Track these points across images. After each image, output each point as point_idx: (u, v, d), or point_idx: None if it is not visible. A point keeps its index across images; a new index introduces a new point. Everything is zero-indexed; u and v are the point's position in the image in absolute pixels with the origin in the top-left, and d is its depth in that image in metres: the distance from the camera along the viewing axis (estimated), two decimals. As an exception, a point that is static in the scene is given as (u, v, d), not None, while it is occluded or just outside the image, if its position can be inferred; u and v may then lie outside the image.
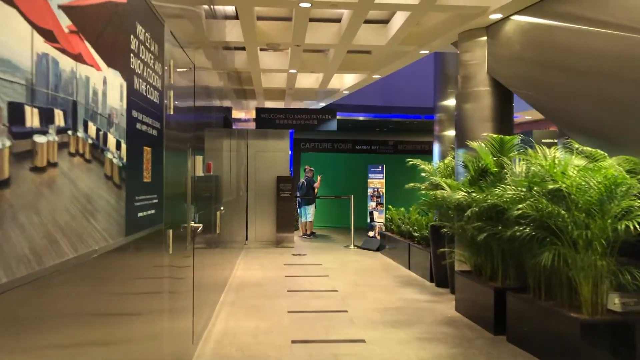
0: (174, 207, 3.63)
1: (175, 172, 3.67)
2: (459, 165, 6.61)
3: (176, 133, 3.65)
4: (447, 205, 5.82)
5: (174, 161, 3.58)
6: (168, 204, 3.34)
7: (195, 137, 4.49)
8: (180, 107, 3.85)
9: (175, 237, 3.65)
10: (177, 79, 3.67)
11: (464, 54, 6.76)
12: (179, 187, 3.84)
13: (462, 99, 6.72)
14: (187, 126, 4.13)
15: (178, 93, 3.73)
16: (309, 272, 8.88)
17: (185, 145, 4.03)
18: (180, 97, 3.86)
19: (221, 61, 7.29)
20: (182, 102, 3.95)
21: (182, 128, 3.90)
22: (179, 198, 3.83)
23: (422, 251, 8.41)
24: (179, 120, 3.78)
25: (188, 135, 4.18)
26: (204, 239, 5.22)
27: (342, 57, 8.30)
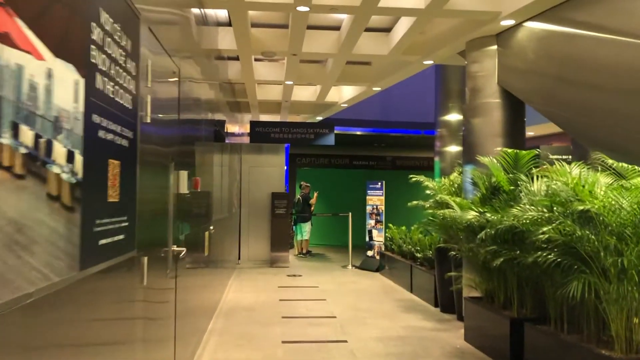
0: (152, 230, 3.15)
1: (154, 189, 3.20)
2: (467, 182, 6.16)
3: (155, 145, 3.18)
4: (457, 226, 5.35)
5: (151, 177, 3.11)
6: (143, 227, 2.86)
7: (180, 151, 4.02)
8: (161, 116, 3.38)
9: (153, 264, 3.16)
10: (157, 85, 3.21)
11: (472, 64, 6.34)
12: (159, 206, 3.36)
13: (470, 112, 6.29)
14: (169, 138, 3.66)
15: (158, 100, 3.27)
16: (304, 295, 8.36)
17: (167, 159, 3.55)
18: (162, 105, 3.40)
19: (213, 71, 6.85)
20: (164, 111, 3.49)
21: (163, 140, 3.43)
22: (158, 219, 3.34)
23: (426, 273, 7.91)
24: (159, 131, 3.31)
25: (171, 148, 3.71)
26: (190, 262, 4.73)
27: (341, 67, 7.89)
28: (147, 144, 2.95)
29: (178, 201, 3.93)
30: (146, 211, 2.96)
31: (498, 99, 6.06)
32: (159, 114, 3.31)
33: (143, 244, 2.88)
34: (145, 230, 2.96)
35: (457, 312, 6.78)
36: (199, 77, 5.46)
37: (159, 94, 3.30)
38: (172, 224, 3.70)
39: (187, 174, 4.05)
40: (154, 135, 3.14)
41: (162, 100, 3.43)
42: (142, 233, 2.84)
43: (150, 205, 3.08)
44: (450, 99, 11.81)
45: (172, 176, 3.71)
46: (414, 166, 16.77)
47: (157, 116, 3.23)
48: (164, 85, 3.47)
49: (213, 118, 6.93)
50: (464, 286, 6.04)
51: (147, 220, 3.00)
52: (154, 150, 3.14)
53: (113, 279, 2.39)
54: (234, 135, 10.32)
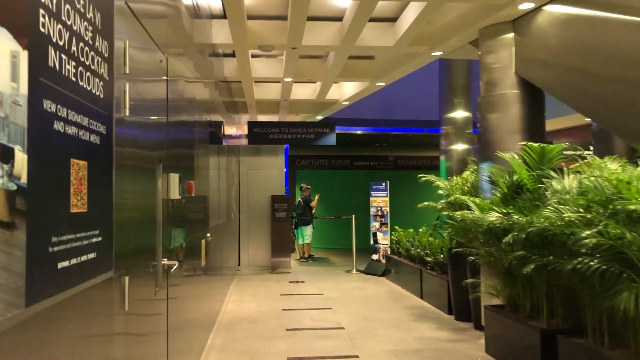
0: (136, 243, 2.68)
1: (137, 195, 2.73)
2: (483, 181, 5.70)
3: (138, 143, 2.71)
4: (476, 229, 4.88)
5: (134, 181, 2.64)
6: (124, 241, 2.39)
7: (170, 152, 3.55)
8: (145, 110, 2.91)
9: (137, 283, 2.69)
10: (138, 73, 2.74)
11: (486, 55, 5.88)
12: (144, 214, 2.89)
13: (485, 107, 5.83)
14: (156, 136, 3.19)
15: (141, 91, 2.80)
16: (309, 303, 7.89)
17: (154, 161, 3.08)
18: (145, 98, 2.93)
19: (207, 68, 6.39)
20: (148, 105, 3.02)
21: (148, 138, 2.96)
22: (143, 230, 2.87)
23: (437, 279, 7.44)
24: (143, 127, 2.84)
25: (158, 148, 3.24)
26: (185, 273, 4.25)
27: (343, 62, 7.42)
28: (127, 142, 2.48)
29: (168, 208, 3.46)
30: (127, 222, 2.49)
31: (516, 92, 5.59)
32: (142, 108, 2.84)
33: (124, 261, 2.41)
34: (127, 245, 2.49)
35: (474, 320, 6.31)
36: (192, 74, 5.00)
37: (142, 84, 2.83)
38: (162, 234, 3.23)
39: (179, 177, 3.57)
40: (135, 131, 2.67)
41: (146, 93, 2.96)
42: (122, 248, 2.37)
43: (132, 214, 2.61)
44: (455, 95, 11.37)
45: (161, 180, 3.24)
46: (418, 166, 16.31)
47: (140, 110, 2.76)
48: (147, 75, 3.00)
49: (209, 119, 6.47)
50: (482, 293, 5.57)
51: (129, 233, 2.53)
52: (135, 149, 2.67)
53: (82, 309, 1.92)
54: (232, 137, 9.85)
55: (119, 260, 2.30)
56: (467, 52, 8.12)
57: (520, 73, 5.53)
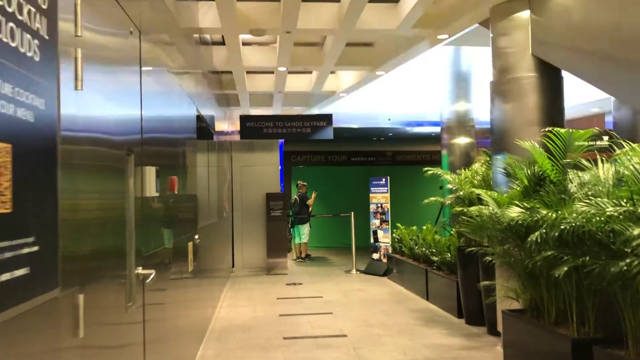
0: (96, 251, 2.16)
1: (97, 192, 2.21)
2: (497, 173, 5.21)
3: (97, 127, 2.19)
4: (494, 226, 4.38)
5: (91, 174, 2.12)
6: (76, 249, 1.88)
7: (145, 141, 3.02)
8: (110, 85, 2.39)
9: (100, 298, 2.18)
10: (99, 39, 2.22)
11: (499, 38, 5.39)
12: (108, 216, 2.37)
13: (499, 96, 5.33)
14: (125, 120, 2.67)
15: (102, 63, 2.28)
16: (307, 308, 7.38)
17: (122, 151, 2.56)
18: (110, 72, 2.41)
19: (193, 54, 5.87)
20: (115, 80, 2.50)
21: (113, 121, 2.44)
22: (107, 235, 2.35)
23: (444, 279, 6.95)
24: (106, 108, 2.32)
25: (129, 135, 2.72)
26: (170, 279, 3.74)
27: (341, 48, 6.91)
28: (81, 124, 1.96)
29: (143, 208, 2.94)
30: (83, 225, 1.98)
31: (533, 78, 5.10)
32: (106, 83, 2.32)
33: (78, 275, 1.90)
34: (82, 254, 1.97)
35: (488, 324, 5.82)
36: (175, 58, 4.48)
37: (104, 54, 2.31)
38: (134, 238, 2.71)
39: (156, 172, 3.05)
40: (94, 111, 2.15)
41: (111, 67, 2.44)
42: (74, 259, 1.86)
43: (91, 216, 2.10)
44: (458, 87, 10.87)
45: (133, 174, 2.72)
46: (417, 161, 15.85)
47: (102, 86, 2.25)
48: (113, 46, 2.48)
49: (196, 109, 5.96)
50: (499, 296, 5.08)
51: (86, 239, 2.02)
52: (94, 134, 2.15)
53: (6, 347, 1.40)
54: (224, 134, 9.33)
55: (69, 274, 1.79)
56: (476, 37, 7.62)
57: (539, 54, 5.03)
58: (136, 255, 2.76)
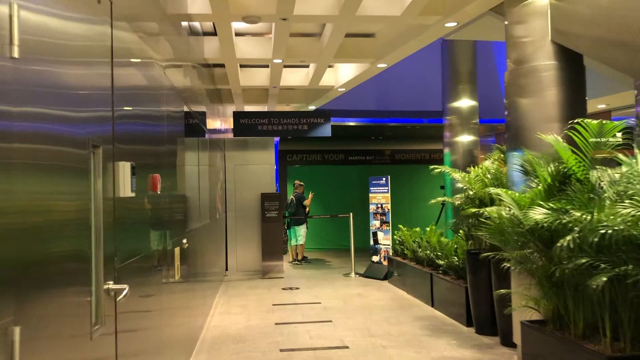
0: (42, 267, 1.71)
1: (44, 192, 1.75)
2: (513, 171, 4.78)
3: (45, 110, 1.74)
4: (514, 229, 3.94)
5: (33, 170, 1.66)
6: (7, 268, 1.43)
7: (118, 132, 2.57)
8: (65, 58, 1.94)
9: (50, 327, 1.72)
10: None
11: (514, 27, 4.96)
12: (64, 222, 1.92)
13: (514, 90, 4.90)
14: (89, 105, 2.21)
15: (55, 29, 1.83)
16: (305, 315, 6.93)
17: (84, 143, 2.10)
18: (65, 42, 1.96)
19: (183, 47, 5.41)
20: (72, 53, 2.05)
21: (71, 104, 1.98)
22: (61, 245, 1.89)
23: (451, 284, 6.52)
24: (59, 85, 1.87)
25: (95, 124, 2.26)
26: (150, 292, 3.28)
27: (341, 39, 6.47)
28: (16, 102, 1.51)
29: (115, 210, 2.49)
30: (17, 235, 1.52)
31: (552, 70, 4.67)
32: (59, 54, 1.86)
33: (13, 301, 1.44)
34: (18, 273, 1.52)
35: (501, 334, 5.39)
36: (159, 45, 4.03)
37: (55, 17, 1.85)
38: (103, 248, 2.25)
39: (131, 168, 2.59)
40: (38, 88, 1.70)
41: (67, 34, 1.98)
42: (8, 277, 1.40)
43: (31, 221, 1.64)
44: (460, 82, 10.48)
45: (100, 170, 2.26)
46: (416, 160, 15.44)
47: (51, 56, 1.79)
48: (70, 6, 2.03)
49: (188, 106, 5.52)
50: (516, 305, 4.66)
51: (22, 253, 1.56)
52: (39, 122, 1.69)
53: None
54: (216, 130, 8.87)
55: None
56: (487, 27, 7.23)
57: (560, 41, 4.60)
58: (106, 268, 2.30)
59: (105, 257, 2.29)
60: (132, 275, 2.72)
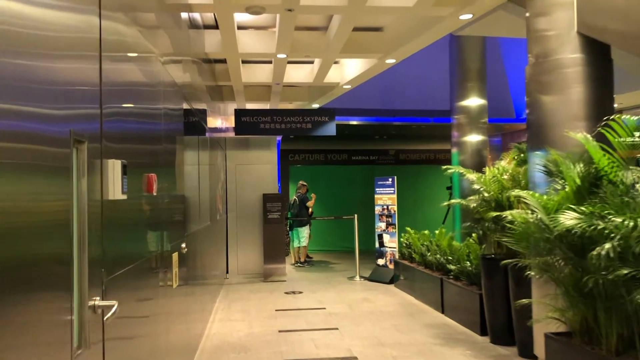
0: (8, 281, 1.40)
1: (15, 192, 1.44)
2: (535, 172, 4.46)
3: (15, 106, 1.43)
4: (540, 235, 3.63)
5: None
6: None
7: (107, 125, 2.26)
8: (36, 31, 1.63)
9: (25, 356, 1.41)
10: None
11: (535, 19, 4.66)
12: (38, 228, 1.60)
13: (537, 87, 4.59)
14: (71, 91, 1.90)
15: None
16: (309, 322, 6.61)
17: (63, 138, 1.79)
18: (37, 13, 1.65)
19: (182, 40, 5.10)
20: (47, 28, 1.74)
21: (45, 88, 1.67)
22: (32, 255, 1.58)
23: (464, 290, 6.21)
24: (28, 67, 1.56)
25: (78, 117, 1.95)
26: (146, 306, 2.97)
27: (348, 31, 6.15)
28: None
29: (103, 214, 2.18)
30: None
31: (578, 65, 4.36)
32: (35, 48, 1.56)
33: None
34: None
35: (519, 345, 5.08)
36: (161, 42, 3.72)
37: (31, 6, 1.55)
38: (87, 259, 1.94)
39: (122, 167, 2.28)
40: (11, 79, 1.39)
41: (47, 25, 1.67)
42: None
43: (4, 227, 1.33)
44: (468, 80, 10.16)
45: (84, 169, 1.95)
46: (421, 160, 15.12)
47: (22, 48, 1.48)
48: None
49: (188, 104, 5.23)
50: (537, 315, 4.35)
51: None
52: (8, 114, 1.38)
53: None
54: (217, 129, 8.57)
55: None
56: (499, 23, 6.96)
57: (587, 32, 4.29)
58: (92, 281, 1.99)
59: (91, 269, 1.98)
60: (123, 288, 2.41)
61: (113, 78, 2.39)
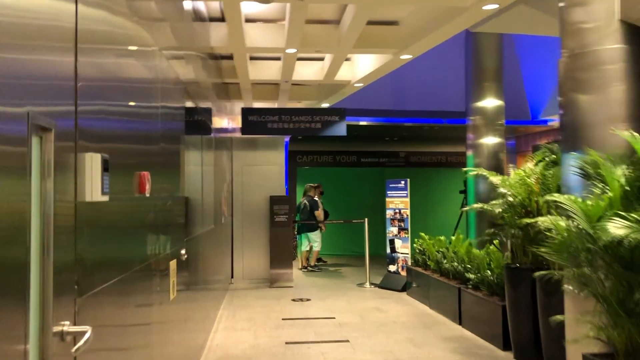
0: None
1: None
2: (570, 174, 4.05)
3: None
4: (582, 245, 3.23)
5: None
6: None
7: (83, 109, 1.89)
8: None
9: None
10: None
11: (571, 9, 4.24)
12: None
13: (572, 85, 4.18)
14: (29, 65, 1.53)
15: None
16: (318, 332, 6.22)
17: (20, 120, 1.41)
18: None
19: (184, 32, 4.74)
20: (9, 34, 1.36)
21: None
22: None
23: (484, 301, 5.80)
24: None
25: (43, 98, 1.58)
26: (132, 329, 2.60)
27: (362, 25, 5.78)
28: None
29: (80, 220, 1.80)
30: None
31: (620, 63, 3.95)
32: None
33: None
34: None
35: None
36: (160, 35, 3.36)
37: None
38: (52, 276, 1.56)
39: (103, 162, 1.90)
40: None
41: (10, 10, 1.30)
42: None
43: None
44: (485, 80, 9.74)
45: (50, 164, 1.57)
46: (433, 162, 14.70)
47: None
48: None
49: (193, 102, 4.88)
50: (571, 331, 3.94)
51: None
52: None
53: None
54: (223, 129, 8.21)
55: None
56: (519, 18, 6.56)
57: (633, 20, 3.88)
58: (59, 302, 1.62)
59: (59, 285, 1.61)
60: (104, 309, 2.03)
61: (93, 72, 2.03)
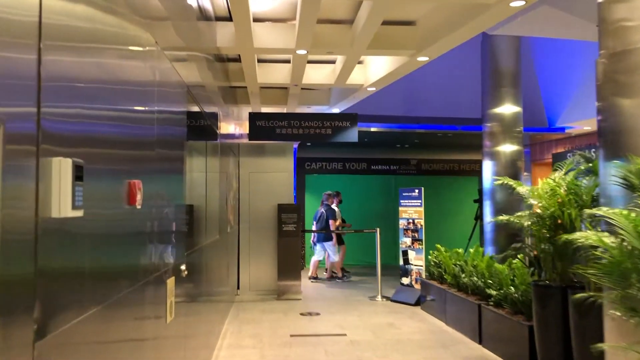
0: None
1: None
2: (611, 184, 3.67)
3: None
4: (638, 266, 2.84)
5: None
6: None
7: (54, 112, 1.54)
8: None
9: None
10: None
11: (612, 6, 3.87)
12: None
13: (613, 88, 3.80)
14: None
15: None
16: (329, 352, 5.83)
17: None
18: None
19: (187, 32, 4.41)
20: None
21: None
22: None
23: (508, 320, 5.39)
24: None
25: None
26: (136, 330, 2.24)
27: (377, 25, 5.43)
28: None
29: (45, 242, 1.44)
30: None
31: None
32: None
33: None
34: None
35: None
36: (159, 33, 3.02)
37: None
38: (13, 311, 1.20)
39: (74, 168, 1.55)
40: None
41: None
42: None
43: None
44: (502, 85, 9.37)
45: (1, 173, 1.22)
46: (446, 171, 14.31)
47: None
48: None
49: (199, 107, 4.56)
50: (610, 355, 3.54)
51: None
52: None
53: None
54: (229, 134, 7.88)
55: None
56: (541, 21, 6.21)
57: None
58: (9, 345, 1.26)
59: (8, 326, 1.25)
60: (76, 349, 1.67)
61: (65, 72, 1.68)
